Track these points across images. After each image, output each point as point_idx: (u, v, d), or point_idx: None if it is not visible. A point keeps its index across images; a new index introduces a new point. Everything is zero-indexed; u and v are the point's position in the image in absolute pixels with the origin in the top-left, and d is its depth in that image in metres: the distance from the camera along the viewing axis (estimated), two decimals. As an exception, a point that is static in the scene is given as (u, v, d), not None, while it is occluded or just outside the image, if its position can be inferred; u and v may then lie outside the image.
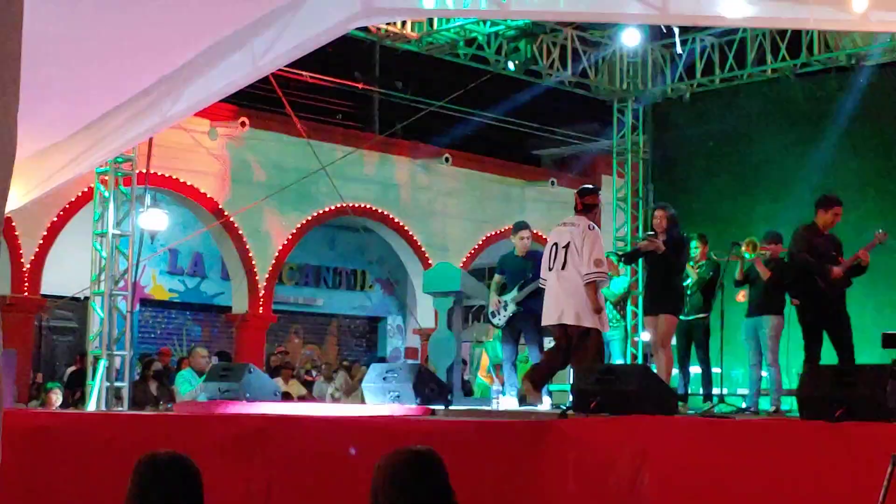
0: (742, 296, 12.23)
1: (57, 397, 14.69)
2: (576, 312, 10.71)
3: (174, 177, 18.43)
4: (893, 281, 9.97)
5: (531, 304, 12.37)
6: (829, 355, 10.95)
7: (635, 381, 9.65)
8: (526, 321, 12.40)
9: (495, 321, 12.61)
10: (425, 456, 3.53)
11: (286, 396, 16.07)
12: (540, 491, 9.35)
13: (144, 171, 14.47)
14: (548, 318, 10.99)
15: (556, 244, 10.95)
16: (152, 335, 22.16)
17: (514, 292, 12.35)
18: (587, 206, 11.04)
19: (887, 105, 15.34)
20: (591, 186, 11.79)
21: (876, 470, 6.52)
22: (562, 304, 10.79)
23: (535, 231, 13.27)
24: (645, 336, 16.85)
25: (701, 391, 12.57)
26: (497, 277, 12.68)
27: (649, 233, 12.19)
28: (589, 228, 10.82)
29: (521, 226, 12.65)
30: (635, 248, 12.28)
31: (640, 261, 13.93)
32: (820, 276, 10.73)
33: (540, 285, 11.23)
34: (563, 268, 10.81)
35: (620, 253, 15.10)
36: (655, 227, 11.79)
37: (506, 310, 12.38)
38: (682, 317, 12.48)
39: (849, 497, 7.47)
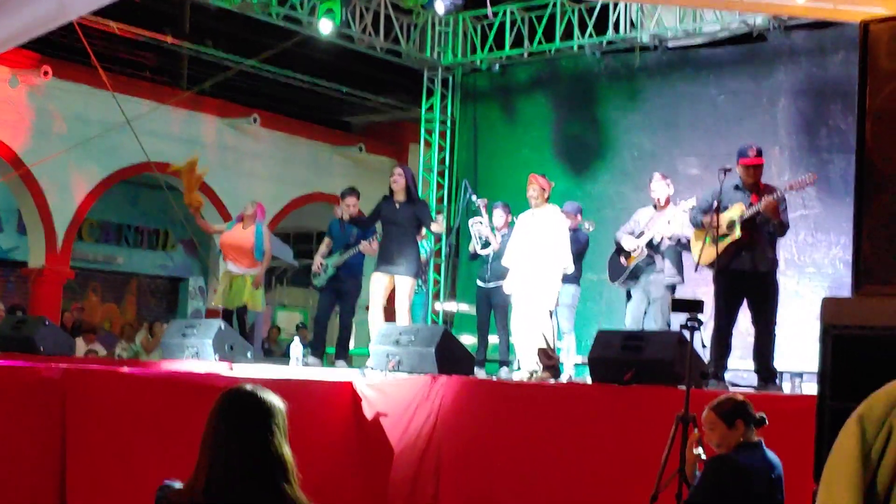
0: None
1: None
2: None
3: (-29, 124, 17.82)
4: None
5: (352, 268, 12.72)
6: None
7: (434, 342, 9.83)
8: (345, 283, 12.68)
9: (315, 282, 12.86)
10: (255, 394, 3.57)
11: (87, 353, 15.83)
12: (327, 448, 9.47)
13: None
14: None
15: None
16: (-59, 289, 21.47)
17: (336, 256, 12.60)
18: None
19: (685, 85, 15.81)
20: None
21: (661, 430, 6.82)
22: None
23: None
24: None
25: (498, 358, 12.80)
26: (326, 240, 13.03)
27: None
28: None
29: (346, 192, 12.81)
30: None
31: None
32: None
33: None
34: None
35: None
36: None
37: (325, 272, 12.62)
38: (482, 284, 12.69)
39: (636, 456, 7.78)
